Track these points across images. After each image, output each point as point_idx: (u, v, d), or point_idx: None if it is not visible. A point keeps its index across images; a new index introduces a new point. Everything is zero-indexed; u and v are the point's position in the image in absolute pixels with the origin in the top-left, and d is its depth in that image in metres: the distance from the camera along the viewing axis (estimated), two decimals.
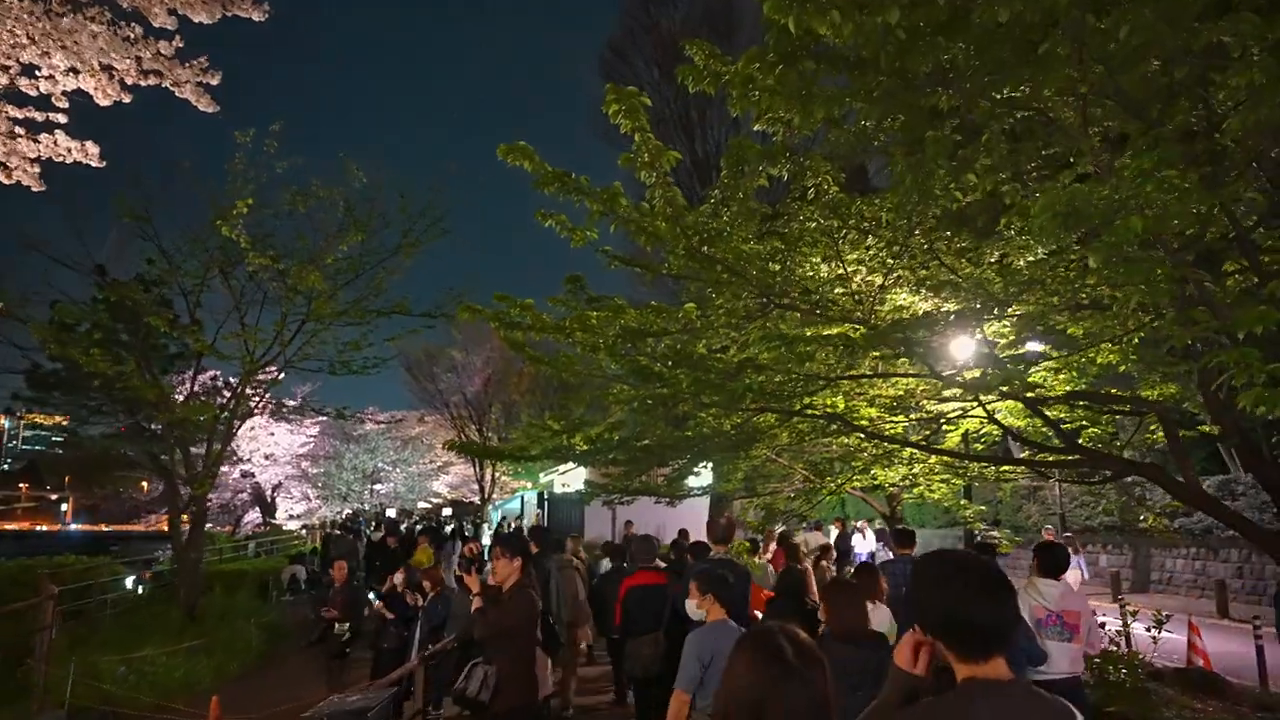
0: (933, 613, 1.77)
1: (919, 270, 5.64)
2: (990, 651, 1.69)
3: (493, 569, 4.59)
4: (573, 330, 6.08)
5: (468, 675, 4.29)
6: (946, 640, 1.74)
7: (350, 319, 13.07)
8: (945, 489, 10.78)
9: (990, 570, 1.76)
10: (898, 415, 8.84)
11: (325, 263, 12.23)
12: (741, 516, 16.36)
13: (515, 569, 4.51)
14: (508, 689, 4.27)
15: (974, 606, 1.69)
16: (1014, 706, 1.67)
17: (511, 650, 4.36)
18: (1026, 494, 24.69)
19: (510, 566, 4.50)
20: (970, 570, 1.75)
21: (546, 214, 6.29)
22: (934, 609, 1.76)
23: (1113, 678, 7.57)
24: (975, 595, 1.70)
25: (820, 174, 5.45)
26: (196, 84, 6.41)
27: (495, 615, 4.40)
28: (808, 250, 5.47)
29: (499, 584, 4.54)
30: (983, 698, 1.66)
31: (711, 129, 23.21)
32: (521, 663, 4.40)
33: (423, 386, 42.21)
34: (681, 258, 5.30)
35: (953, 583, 1.73)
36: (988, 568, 1.77)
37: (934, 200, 4.78)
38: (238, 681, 10.57)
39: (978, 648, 1.70)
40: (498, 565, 4.52)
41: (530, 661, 4.51)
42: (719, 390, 5.27)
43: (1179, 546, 19.07)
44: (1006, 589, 1.73)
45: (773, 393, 5.89)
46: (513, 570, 4.51)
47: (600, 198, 5.20)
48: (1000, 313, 5.07)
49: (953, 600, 1.71)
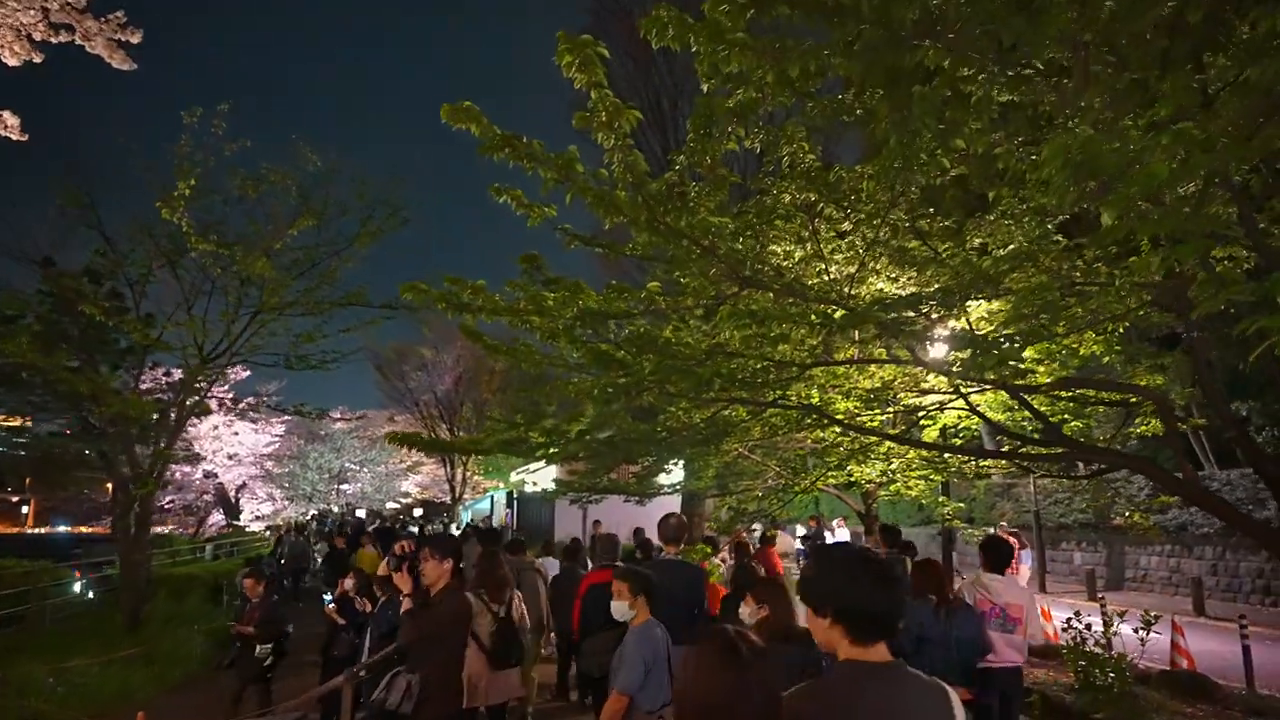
0: (831, 599, 1.88)
1: (901, 245, 5.23)
2: (878, 637, 1.84)
3: (422, 571, 4.13)
4: (527, 313, 5.58)
5: (388, 685, 3.83)
6: (842, 624, 1.86)
7: (301, 309, 12.42)
8: (923, 485, 10.42)
9: (884, 563, 1.92)
10: (874, 409, 8.46)
11: (274, 249, 11.58)
12: (714, 516, 15.97)
13: (445, 572, 4.08)
14: (433, 699, 3.83)
15: (869, 595, 1.84)
16: (893, 686, 1.81)
17: (438, 657, 3.92)
18: (1000, 491, 24.55)
19: (440, 569, 4.07)
20: (867, 563, 1.89)
21: (501, 189, 5.82)
22: (833, 596, 1.88)
23: (1099, 682, 7.23)
24: (870, 585, 1.84)
25: (795, 141, 5.01)
26: (109, 39, 5.81)
27: (422, 619, 3.94)
28: (781, 225, 5.02)
29: (428, 586, 4.08)
30: (866, 678, 1.81)
31: (683, 118, 22.78)
32: (448, 670, 3.97)
33: (393, 385, 41.60)
34: (643, 230, 4.83)
35: (851, 573, 1.88)
36: (882, 561, 1.93)
37: (920, 168, 4.36)
38: (177, 692, 9.93)
39: (867, 633, 1.84)
40: (427, 568, 4.08)
41: (458, 669, 4.10)
42: (685, 376, 4.81)
43: (1153, 544, 18.94)
44: (897, 581, 1.88)
45: (744, 380, 5.44)
46: (442, 573, 4.07)
47: (555, 164, 4.72)
48: (990, 291, 4.66)
49: (850, 588, 1.85)
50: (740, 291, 4.96)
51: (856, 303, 4.91)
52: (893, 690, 1.80)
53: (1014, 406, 8.84)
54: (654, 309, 5.35)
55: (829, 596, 1.89)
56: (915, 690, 1.82)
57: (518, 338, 7.46)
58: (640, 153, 4.58)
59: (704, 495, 16.07)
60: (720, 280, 4.93)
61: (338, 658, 7.79)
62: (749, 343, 5.42)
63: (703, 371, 4.69)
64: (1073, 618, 7.72)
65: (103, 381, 12.56)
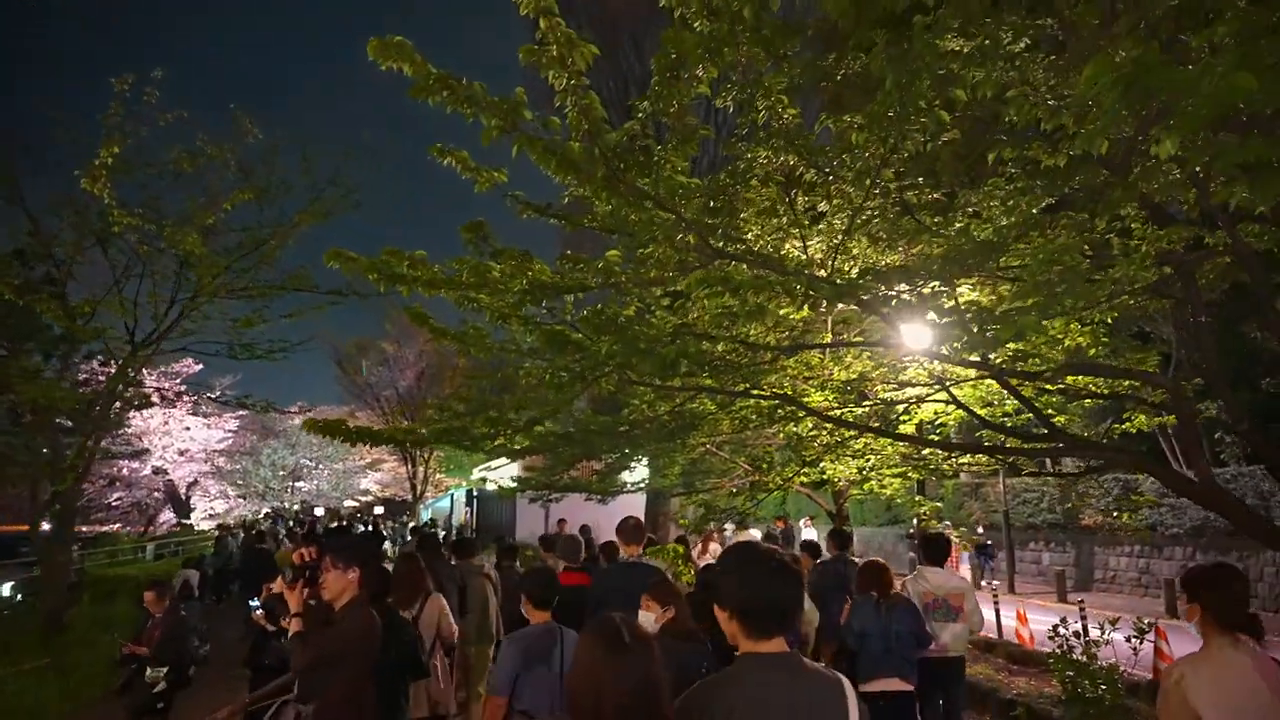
0: (731, 596, 1.97)
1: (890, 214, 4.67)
2: (773, 632, 1.94)
3: (323, 583, 3.46)
4: (471, 286, 4.93)
5: (275, 715, 3.17)
6: (740, 619, 1.95)
7: (236, 291, 11.55)
8: (898, 484, 9.94)
9: (781, 562, 1.99)
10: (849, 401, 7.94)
11: (207, 224, 10.70)
12: (679, 515, 15.40)
13: (350, 583, 3.42)
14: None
15: (763, 592, 1.94)
16: (784, 677, 1.90)
17: (338, 684, 3.26)
18: (968, 491, 24.33)
19: (343, 580, 3.41)
20: (764, 561, 1.98)
21: (445, 149, 5.19)
22: (733, 593, 1.97)
23: (1089, 693, 6.74)
24: (765, 583, 1.95)
25: (774, 94, 4.41)
26: None
27: (319, 641, 3.28)
28: (757, 187, 4.43)
29: (330, 601, 3.43)
30: (759, 670, 1.91)
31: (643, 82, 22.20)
32: (351, 699, 3.29)
33: (353, 380, 40.51)
34: (600, 190, 4.21)
35: (747, 571, 1.98)
36: (780, 560, 1.99)
37: (917, 119, 3.80)
38: (95, 708, 9.08)
39: (764, 627, 1.93)
40: (328, 579, 3.42)
41: (360, 695, 3.39)
42: (647, 357, 4.20)
43: (1123, 544, 18.76)
44: (792, 578, 1.97)
45: (713, 364, 4.85)
46: (347, 584, 3.41)
47: (499, 109, 4.08)
48: (992, 264, 4.11)
49: (746, 586, 1.96)
50: (711, 261, 4.35)
51: (840, 277, 4.34)
52: (786, 680, 1.89)
53: (993, 401, 8.39)
54: (613, 282, 4.73)
55: (729, 593, 1.97)
56: (808, 680, 1.92)
57: (467, 320, 6.80)
58: (597, 95, 3.95)
59: (669, 494, 15.48)
60: (688, 251, 4.32)
61: (268, 667, 7.02)
62: (719, 322, 4.83)
63: (666, 352, 4.08)
64: (1059, 624, 7.24)
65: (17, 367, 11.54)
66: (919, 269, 3.96)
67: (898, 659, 5.04)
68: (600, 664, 1.92)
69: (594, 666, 1.94)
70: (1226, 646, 2.59)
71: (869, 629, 5.13)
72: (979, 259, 3.87)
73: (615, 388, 5.98)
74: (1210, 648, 2.64)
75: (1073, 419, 9.21)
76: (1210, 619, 2.65)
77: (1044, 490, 21.34)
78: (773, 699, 1.86)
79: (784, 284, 3.52)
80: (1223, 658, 2.58)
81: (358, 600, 3.42)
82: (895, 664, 5.04)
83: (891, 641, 5.06)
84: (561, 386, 5.14)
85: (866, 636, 5.12)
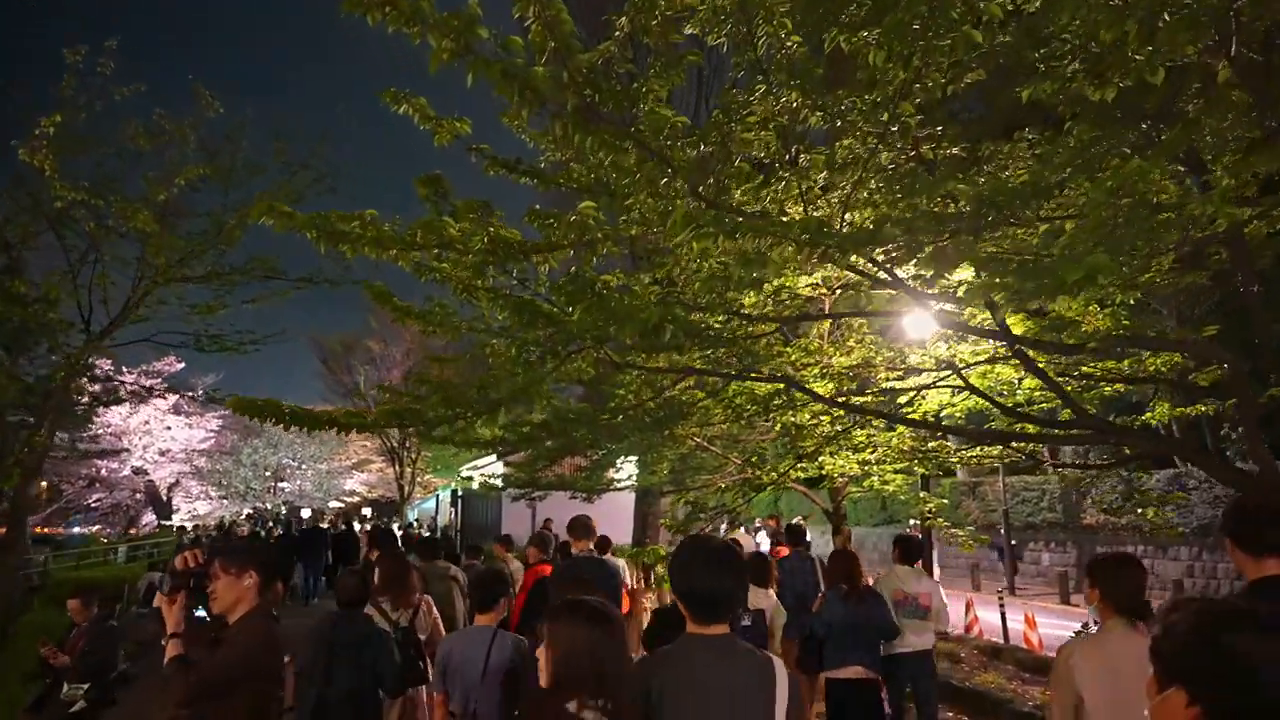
0: (677, 584, 2.25)
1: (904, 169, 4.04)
2: (714, 617, 2.17)
3: (212, 593, 2.77)
4: (424, 245, 4.25)
5: None
6: (684, 604, 2.21)
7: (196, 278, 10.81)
8: (900, 480, 9.30)
9: (722, 554, 2.23)
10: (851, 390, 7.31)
11: (158, 199, 9.95)
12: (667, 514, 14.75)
13: (246, 591, 2.74)
14: None
15: (704, 581, 2.18)
16: (716, 656, 2.13)
17: (227, 713, 2.57)
18: (966, 490, 23.76)
19: (237, 587, 2.74)
20: (706, 553, 2.23)
21: (399, 95, 4.54)
22: (678, 581, 2.24)
23: None
24: (705, 573, 2.18)
25: (777, 16, 3.76)
26: None
27: (199, 670, 2.60)
28: (753, 124, 3.78)
29: (221, 614, 2.75)
30: (699, 650, 2.14)
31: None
32: None
33: (338, 379, 39.74)
34: (569, 125, 3.55)
35: (692, 562, 2.22)
36: (721, 552, 2.24)
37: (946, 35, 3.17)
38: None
39: (704, 613, 2.18)
40: (218, 586, 2.73)
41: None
42: (626, 322, 3.55)
43: (1126, 544, 18.16)
44: (731, 570, 2.21)
45: (705, 334, 4.21)
46: (241, 593, 2.74)
47: (448, 27, 3.42)
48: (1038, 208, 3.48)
49: (690, 575, 2.20)
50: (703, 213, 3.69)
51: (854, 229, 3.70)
52: (717, 659, 2.12)
53: (1003, 391, 7.77)
54: (589, 240, 4.07)
55: (676, 581, 2.26)
56: (740, 660, 2.15)
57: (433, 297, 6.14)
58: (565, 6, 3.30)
59: (659, 492, 14.83)
60: (676, 197, 3.67)
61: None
62: (710, 287, 4.17)
63: (649, 314, 3.43)
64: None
65: None
66: (951, 219, 3.32)
67: (863, 648, 5.29)
68: (583, 639, 2.10)
69: (577, 642, 2.10)
70: (1119, 629, 2.75)
71: (836, 619, 5.35)
72: (1022, 202, 3.23)
73: (594, 368, 5.35)
74: (1105, 630, 2.80)
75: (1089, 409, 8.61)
76: (1108, 604, 2.81)
77: (1044, 489, 20.78)
78: (703, 676, 2.09)
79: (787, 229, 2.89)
80: (1114, 639, 2.74)
81: (255, 611, 2.73)
82: (860, 653, 5.27)
83: (859, 632, 5.31)
84: (531, 364, 4.49)
85: (834, 626, 5.35)
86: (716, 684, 2.07)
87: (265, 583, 2.77)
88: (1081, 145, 3.45)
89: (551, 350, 4.34)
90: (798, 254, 2.98)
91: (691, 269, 4.31)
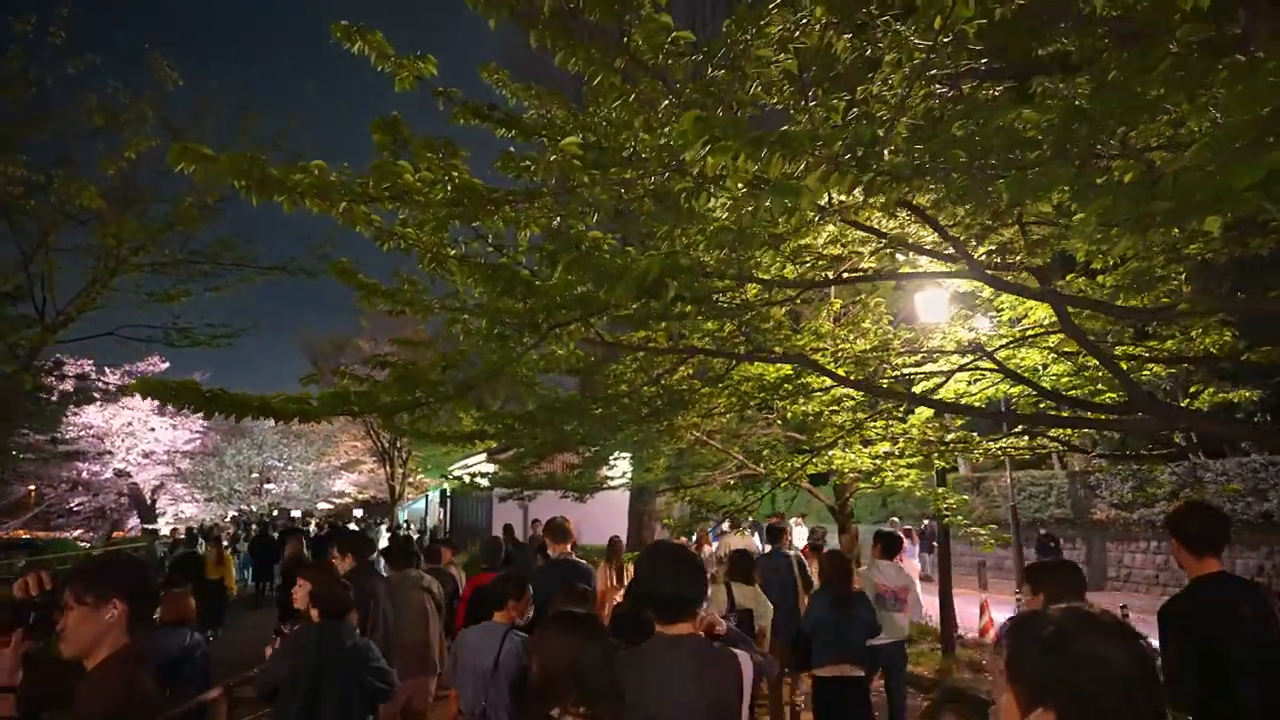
0: (643, 588, 2.44)
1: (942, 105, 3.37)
2: (676, 617, 2.32)
3: (61, 630, 2.02)
4: (376, 194, 3.54)
5: None
6: (651, 606, 2.36)
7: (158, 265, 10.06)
8: (914, 475, 8.64)
9: (682, 558, 2.42)
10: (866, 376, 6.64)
11: (107, 173, 9.17)
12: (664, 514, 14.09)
13: (107, 627, 2.01)
14: None
15: (664, 584, 2.33)
16: (682, 654, 2.28)
17: None
18: (970, 486, 23.12)
19: (95, 622, 2.00)
20: (666, 557, 2.42)
21: (352, 29, 3.90)
22: (644, 586, 2.43)
23: None
24: (666, 576, 2.34)
25: None
26: None
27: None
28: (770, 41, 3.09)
29: (77, 654, 2.02)
30: (665, 648, 2.29)
31: None
32: None
33: (329, 379, 38.90)
34: (550, 36, 2.87)
35: (655, 565, 2.40)
36: (681, 556, 2.43)
37: None
38: None
39: (667, 613, 2.33)
40: (70, 619, 1.98)
41: None
42: (618, 281, 2.87)
43: (1137, 540, 17.59)
44: (690, 572, 2.36)
45: (710, 301, 3.53)
46: (101, 630, 2.00)
47: None
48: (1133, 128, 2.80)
49: (653, 579, 2.38)
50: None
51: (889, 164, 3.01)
52: (683, 656, 2.27)
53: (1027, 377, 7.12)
54: (573, 186, 3.38)
55: (642, 586, 2.45)
56: (705, 657, 2.30)
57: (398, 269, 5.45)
58: None
59: (654, 491, 14.16)
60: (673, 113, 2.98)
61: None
62: (720, 241, 3.48)
63: (648, 265, 2.74)
64: None
65: None
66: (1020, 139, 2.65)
67: (851, 646, 5.39)
68: (564, 648, 2.18)
69: (558, 651, 2.19)
70: None
71: (824, 618, 5.42)
72: (1116, 121, 2.56)
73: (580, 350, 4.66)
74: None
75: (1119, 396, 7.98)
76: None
77: (1051, 483, 20.17)
78: (670, 673, 2.25)
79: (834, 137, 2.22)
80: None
81: (120, 656, 2.00)
82: (848, 651, 5.37)
83: (846, 630, 5.39)
84: (505, 338, 3.81)
85: (821, 624, 5.42)
86: (681, 680, 2.24)
87: (136, 614, 2.05)
88: (1182, 55, 2.77)
89: (530, 323, 3.65)
90: (841, 180, 2.30)
91: (694, 230, 3.62)
